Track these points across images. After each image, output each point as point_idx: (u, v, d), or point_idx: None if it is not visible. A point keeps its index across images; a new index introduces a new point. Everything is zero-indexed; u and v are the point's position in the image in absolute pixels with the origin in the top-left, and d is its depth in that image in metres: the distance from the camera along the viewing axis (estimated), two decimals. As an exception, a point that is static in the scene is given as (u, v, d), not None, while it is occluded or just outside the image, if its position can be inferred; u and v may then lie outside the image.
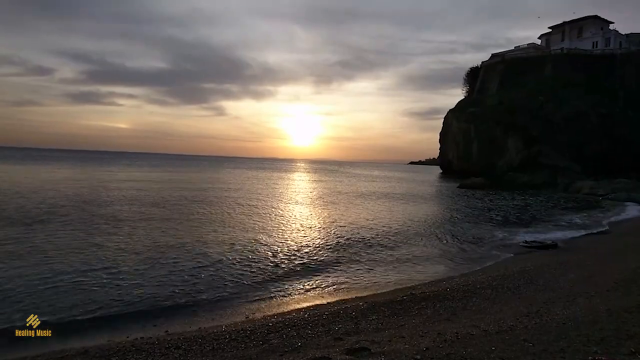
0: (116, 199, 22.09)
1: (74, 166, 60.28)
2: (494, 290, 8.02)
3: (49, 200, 20.06)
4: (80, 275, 8.80)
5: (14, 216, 15.21)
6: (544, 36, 72.17)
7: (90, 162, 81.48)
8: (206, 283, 8.79)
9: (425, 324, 5.96)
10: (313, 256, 11.50)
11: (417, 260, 11.72)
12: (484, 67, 72.35)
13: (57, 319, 6.63)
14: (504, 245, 14.10)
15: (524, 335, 4.99)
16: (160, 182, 37.64)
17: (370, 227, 16.48)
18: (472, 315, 6.38)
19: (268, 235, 14.23)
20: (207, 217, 17.71)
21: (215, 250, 11.55)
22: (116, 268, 9.44)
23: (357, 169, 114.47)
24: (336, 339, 5.40)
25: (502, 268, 10.60)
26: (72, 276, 8.68)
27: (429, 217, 20.16)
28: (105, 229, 13.92)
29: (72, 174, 43.27)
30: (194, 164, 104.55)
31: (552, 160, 51.82)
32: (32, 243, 11.36)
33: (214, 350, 5.24)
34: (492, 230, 17.02)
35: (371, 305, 7.14)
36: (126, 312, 7.08)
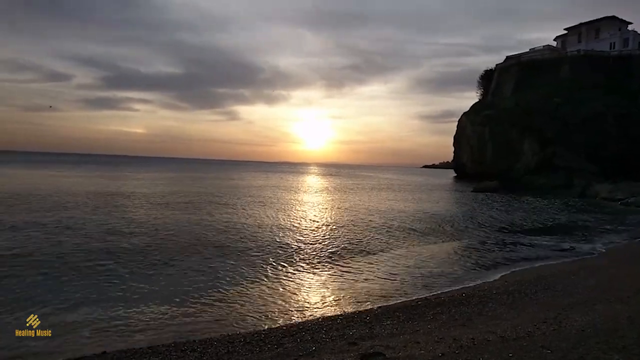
0: (137, 203, 22.45)
1: (105, 170, 61.36)
2: (510, 296, 7.90)
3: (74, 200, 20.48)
4: (96, 275, 8.96)
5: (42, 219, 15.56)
6: (559, 38, 71.17)
7: (114, 165, 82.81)
8: (220, 285, 8.85)
9: (440, 329, 5.91)
10: (326, 260, 11.49)
11: (432, 264, 11.62)
12: (498, 69, 71.57)
13: (76, 317, 6.76)
14: (520, 250, 13.89)
15: (542, 342, 4.92)
16: (181, 184, 38.11)
17: (385, 230, 16.40)
18: (488, 321, 6.30)
19: (284, 237, 14.26)
20: (222, 220, 17.83)
21: (229, 252, 11.63)
22: (130, 268, 9.59)
23: (370, 172, 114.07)
24: (350, 343, 5.38)
25: (519, 273, 10.45)
26: (88, 275, 8.86)
27: (442, 221, 19.97)
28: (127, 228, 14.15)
29: (104, 178, 44.06)
30: (212, 167, 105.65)
31: (569, 162, 50.91)
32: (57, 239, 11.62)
33: (229, 353, 5.27)
34: (507, 235, 16.79)
35: (385, 310, 7.11)
36: (142, 312, 7.18)
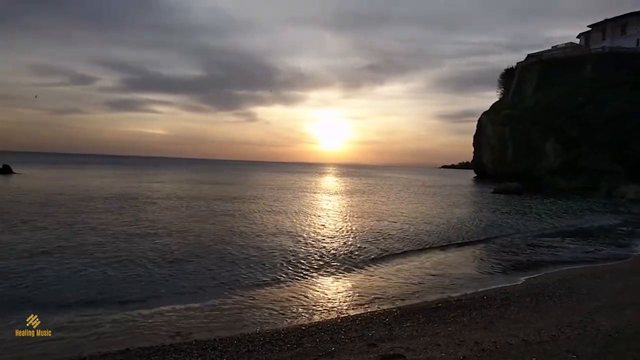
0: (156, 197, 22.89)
1: (128, 170, 62.82)
2: (533, 299, 7.74)
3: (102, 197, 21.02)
4: (117, 271, 9.18)
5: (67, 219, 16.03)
6: (583, 35, 69.39)
7: (138, 167, 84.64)
8: (239, 284, 8.94)
9: (461, 332, 5.83)
10: (345, 260, 11.47)
11: (452, 266, 11.48)
12: (519, 68, 70.25)
13: (97, 312, 6.93)
14: (543, 253, 13.60)
15: (567, 346, 4.81)
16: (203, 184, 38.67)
17: (403, 231, 16.27)
18: (511, 324, 6.19)
19: (303, 238, 14.31)
20: (243, 221, 18.00)
21: (249, 251, 11.74)
22: (151, 267, 9.78)
23: (388, 172, 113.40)
24: (370, 344, 5.37)
25: (542, 276, 10.24)
26: (108, 270, 9.08)
27: (462, 223, 19.71)
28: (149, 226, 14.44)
29: (133, 178, 45.14)
30: (232, 168, 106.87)
31: (593, 163, 49.61)
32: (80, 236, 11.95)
33: (250, 352, 5.32)
34: (530, 238, 16.46)
35: (405, 312, 7.06)
36: (162, 310, 7.31)
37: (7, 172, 42.99)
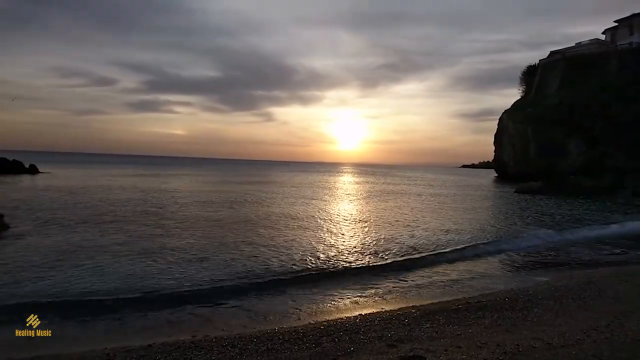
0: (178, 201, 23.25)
1: (150, 170, 64.07)
2: (557, 302, 7.56)
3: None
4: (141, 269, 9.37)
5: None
6: (609, 31, 67.23)
7: (159, 166, 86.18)
8: (258, 281, 9.01)
9: (482, 334, 5.74)
10: (362, 260, 11.44)
11: (474, 267, 11.32)
12: (541, 65, 68.59)
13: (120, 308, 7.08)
14: (568, 254, 13.28)
15: (593, 351, 4.68)
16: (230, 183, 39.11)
17: (424, 232, 16.13)
18: (534, 327, 6.06)
19: (325, 238, 14.33)
20: (264, 219, 18.12)
21: (268, 249, 11.82)
22: (170, 262, 9.94)
23: (407, 172, 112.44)
24: (389, 345, 5.33)
25: (566, 278, 9.99)
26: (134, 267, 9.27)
27: (485, 223, 19.41)
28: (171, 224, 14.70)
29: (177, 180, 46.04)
30: (250, 167, 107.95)
31: (618, 162, 48.06)
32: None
33: (269, 350, 5.35)
34: (554, 238, 16.08)
35: (424, 313, 6.98)
36: (183, 307, 7.42)
37: (33, 172, 44.77)
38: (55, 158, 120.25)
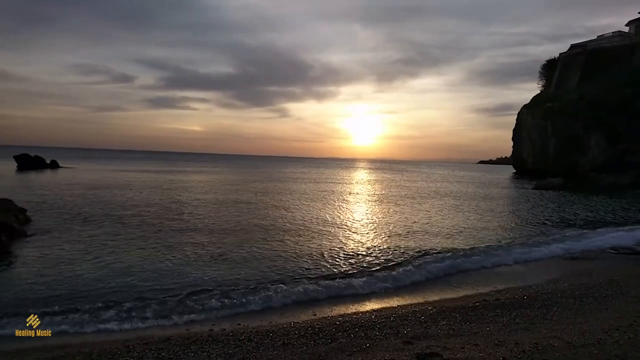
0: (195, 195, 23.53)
1: (169, 166, 65.03)
2: (577, 300, 7.41)
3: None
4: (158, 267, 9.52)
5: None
6: (633, 23, 65.15)
7: (179, 162, 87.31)
8: (274, 277, 9.06)
9: (500, 332, 5.66)
10: (378, 257, 11.40)
11: (491, 264, 11.17)
12: (562, 59, 67.02)
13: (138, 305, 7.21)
14: (589, 252, 12.99)
15: (616, 351, 4.58)
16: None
17: (441, 230, 16.00)
18: (553, 325, 5.95)
19: (343, 237, 14.34)
20: (283, 216, 18.22)
21: (284, 245, 11.89)
22: (188, 259, 10.08)
23: (424, 168, 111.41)
24: (405, 342, 5.30)
25: (586, 276, 9.78)
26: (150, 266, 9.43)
27: (502, 220, 19.14)
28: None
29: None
30: (267, 164, 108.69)
31: (642, 159, 46.78)
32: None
33: (285, 345, 5.38)
34: (575, 235, 15.73)
35: (441, 310, 6.93)
36: (200, 299, 7.51)
37: (54, 167, 46.04)
38: (75, 154, 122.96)
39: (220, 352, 5.11)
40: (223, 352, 5.11)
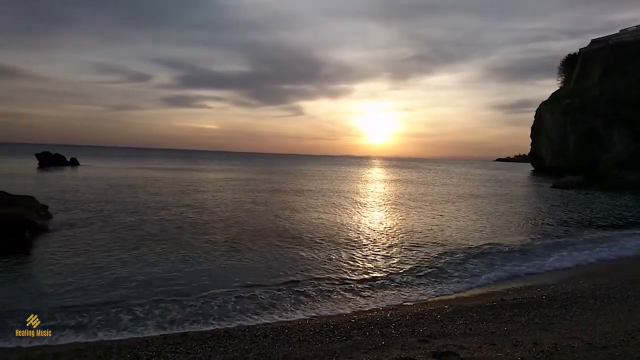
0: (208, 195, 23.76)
1: (189, 165, 65.85)
2: (598, 300, 7.26)
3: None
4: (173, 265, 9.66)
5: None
6: (658, 16, 63.43)
7: (198, 161, 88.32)
8: (290, 273, 9.10)
9: (518, 332, 5.58)
10: (393, 252, 11.35)
11: (510, 263, 11.02)
12: (582, 54, 65.62)
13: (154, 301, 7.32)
14: (609, 251, 12.70)
15: (639, 353, 4.47)
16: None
17: (458, 229, 15.85)
18: (573, 326, 5.84)
19: (356, 234, 14.34)
20: (299, 214, 18.29)
21: (301, 243, 11.94)
22: (204, 255, 10.19)
23: (441, 165, 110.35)
24: (421, 340, 5.27)
25: (607, 276, 9.56)
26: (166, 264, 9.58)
27: (521, 219, 18.85)
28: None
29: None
30: (283, 162, 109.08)
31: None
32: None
33: (300, 341, 5.41)
34: (595, 235, 15.39)
35: (457, 309, 6.87)
36: (214, 294, 7.59)
37: (74, 164, 47.11)
38: (94, 152, 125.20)
39: (236, 348, 5.16)
40: (239, 348, 5.16)
